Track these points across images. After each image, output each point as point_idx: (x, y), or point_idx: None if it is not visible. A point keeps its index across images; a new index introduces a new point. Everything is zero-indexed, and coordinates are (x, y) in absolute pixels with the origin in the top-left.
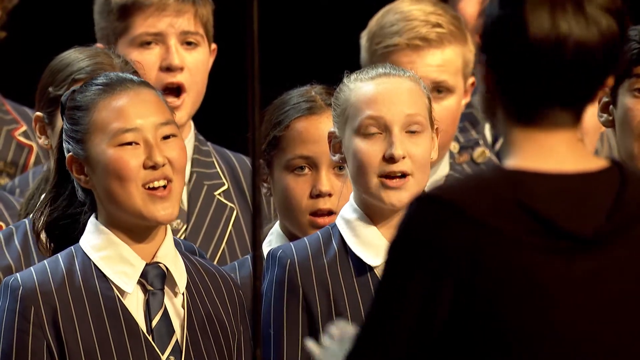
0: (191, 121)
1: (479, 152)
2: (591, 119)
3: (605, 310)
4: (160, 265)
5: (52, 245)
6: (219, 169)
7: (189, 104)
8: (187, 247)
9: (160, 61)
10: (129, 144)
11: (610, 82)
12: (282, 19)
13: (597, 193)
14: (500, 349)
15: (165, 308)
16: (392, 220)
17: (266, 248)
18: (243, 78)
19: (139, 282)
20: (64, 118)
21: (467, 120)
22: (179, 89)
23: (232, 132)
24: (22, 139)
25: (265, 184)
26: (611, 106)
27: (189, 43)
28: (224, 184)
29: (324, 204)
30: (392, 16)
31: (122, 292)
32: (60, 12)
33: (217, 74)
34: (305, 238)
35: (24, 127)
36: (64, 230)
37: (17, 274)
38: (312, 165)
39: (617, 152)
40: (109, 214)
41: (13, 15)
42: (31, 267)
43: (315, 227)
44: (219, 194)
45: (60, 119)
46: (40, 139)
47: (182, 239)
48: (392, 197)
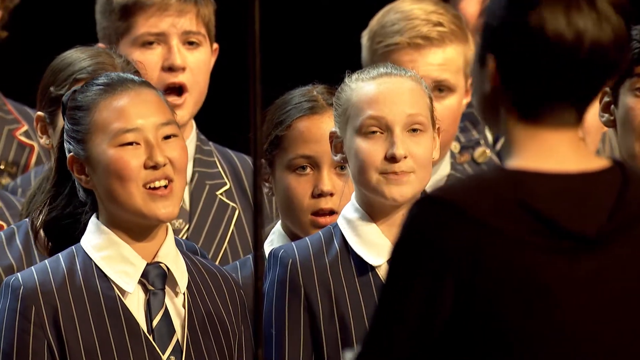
0: (193, 121)
1: (480, 152)
2: (593, 118)
3: (608, 310)
4: (161, 265)
5: (50, 244)
6: (220, 169)
7: (191, 103)
8: (188, 247)
9: (162, 61)
10: (130, 144)
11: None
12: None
13: (599, 193)
14: (501, 349)
15: (166, 308)
16: (394, 219)
17: (268, 248)
18: (245, 78)
19: (140, 282)
20: (65, 118)
21: (468, 120)
22: (181, 89)
23: (234, 131)
24: (23, 138)
25: (267, 184)
26: (612, 106)
27: (190, 43)
28: (226, 184)
29: (326, 203)
30: (393, 15)
31: (122, 292)
32: (61, 11)
33: (218, 73)
34: (306, 238)
35: (25, 127)
36: (63, 229)
37: (18, 273)
38: (314, 164)
39: (618, 152)
40: (110, 213)
41: (14, 14)
42: (32, 267)
43: (317, 226)
44: (221, 194)
45: (61, 119)
46: (41, 138)
47: (184, 238)
48: (394, 192)
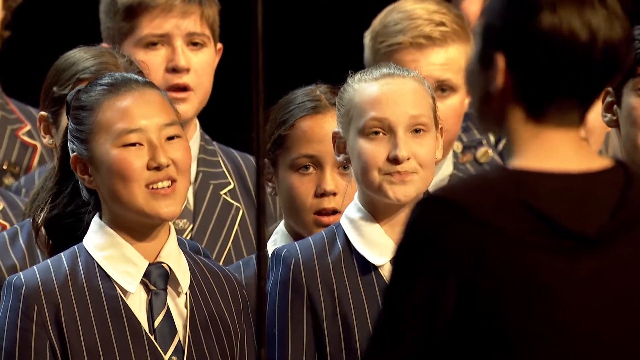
0: (197, 121)
1: (482, 152)
2: (597, 118)
3: (609, 310)
4: (163, 265)
5: (51, 242)
6: (224, 169)
7: (195, 103)
8: (191, 247)
9: (166, 62)
10: (133, 144)
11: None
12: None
13: (601, 192)
14: (503, 348)
15: (168, 308)
16: (397, 219)
17: (271, 247)
18: (248, 77)
19: (142, 282)
20: (69, 117)
21: (470, 120)
22: (185, 90)
23: (237, 131)
24: (26, 138)
25: (270, 183)
26: (615, 106)
27: (194, 44)
28: (229, 184)
29: (329, 203)
30: (395, 15)
31: (125, 292)
32: (65, 11)
33: (222, 73)
34: (309, 237)
35: (28, 127)
36: (64, 227)
37: (20, 272)
38: (317, 164)
39: (620, 152)
40: (113, 213)
41: (17, 14)
42: (34, 266)
43: (320, 226)
44: (225, 194)
45: (64, 118)
46: (44, 138)
47: (188, 238)
48: (398, 192)
